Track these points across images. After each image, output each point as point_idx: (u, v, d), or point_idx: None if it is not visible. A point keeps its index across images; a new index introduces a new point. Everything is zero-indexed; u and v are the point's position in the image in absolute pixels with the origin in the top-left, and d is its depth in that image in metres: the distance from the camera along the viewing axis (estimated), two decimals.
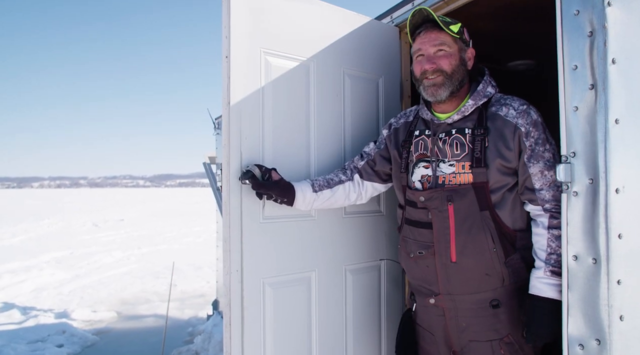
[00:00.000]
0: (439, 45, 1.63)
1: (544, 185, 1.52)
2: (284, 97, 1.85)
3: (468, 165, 1.59)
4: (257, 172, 1.66)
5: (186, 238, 14.59)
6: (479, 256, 1.58)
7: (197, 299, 7.01)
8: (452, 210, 1.60)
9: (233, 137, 1.69)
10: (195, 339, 4.99)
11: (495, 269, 1.58)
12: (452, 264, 1.62)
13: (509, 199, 1.59)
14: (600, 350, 1.25)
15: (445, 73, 1.62)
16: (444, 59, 1.62)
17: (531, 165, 1.53)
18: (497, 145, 1.56)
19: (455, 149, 1.63)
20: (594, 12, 1.26)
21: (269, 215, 1.78)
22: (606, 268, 1.24)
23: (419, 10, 1.61)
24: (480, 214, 1.57)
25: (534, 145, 1.53)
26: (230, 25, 1.67)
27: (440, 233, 1.63)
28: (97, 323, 5.93)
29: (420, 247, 1.70)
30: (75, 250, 11.88)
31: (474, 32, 2.68)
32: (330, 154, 2.00)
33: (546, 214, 1.52)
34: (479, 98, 1.65)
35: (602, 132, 1.25)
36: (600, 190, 1.25)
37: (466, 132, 1.62)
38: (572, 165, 1.31)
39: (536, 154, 1.53)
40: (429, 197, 1.65)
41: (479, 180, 1.57)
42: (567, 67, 1.32)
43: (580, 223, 1.30)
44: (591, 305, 1.27)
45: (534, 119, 1.56)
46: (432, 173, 1.67)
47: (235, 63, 1.68)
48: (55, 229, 18.13)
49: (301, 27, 1.90)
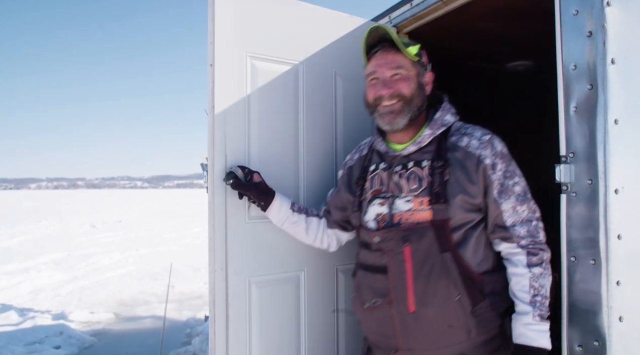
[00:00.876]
0: (395, 69, 1.47)
1: (516, 222, 1.39)
2: (272, 101, 1.86)
3: (427, 200, 1.41)
4: (240, 173, 1.70)
5: (184, 239, 14.57)
6: (441, 305, 1.39)
7: (195, 300, 7.00)
8: (408, 253, 1.42)
9: (217, 140, 1.72)
10: (193, 340, 4.98)
11: (460, 320, 1.38)
12: (411, 314, 1.41)
13: (472, 238, 1.42)
14: (600, 351, 1.25)
15: (404, 98, 1.46)
16: (402, 82, 1.47)
17: (503, 202, 1.39)
18: (458, 179, 1.40)
19: (412, 183, 1.46)
20: (593, 12, 1.26)
21: (255, 216, 1.79)
22: (605, 269, 1.24)
23: (375, 29, 1.45)
24: (441, 256, 1.39)
25: (502, 178, 1.39)
26: (214, 31, 1.70)
27: (396, 279, 1.44)
28: (95, 324, 5.91)
29: (375, 295, 1.50)
30: (73, 252, 11.84)
31: (473, 33, 2.70)
32: (321, 156, 2.00)
33: (523, 250, 1.38)
34: (436, 127, 1.49)
35: (602, 133, 1.25)
36: (600, 191, 1.25)
37: (424, 164, 1.46)
38: (571, 165, 1.31)
39: (506, 188, 1.39)
40: (383, 238, 1.47)
41: (439, 218, 1.39)
42: (566, 68, 1.32)
43: (579, 224, 1.30)
44: (590, 306, 1.27)
45: (499, 150, 1.42)
46: (387, 211, 1.49)
47: (220, 68, 1.72)
48: (53, 230, 18.08)
49: (290, 31, 1.90)
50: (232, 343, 1.74)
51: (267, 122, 1.85)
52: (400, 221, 1.45)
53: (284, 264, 1.87)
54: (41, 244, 13.67)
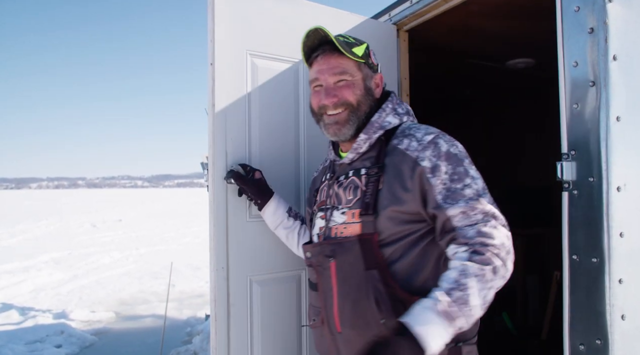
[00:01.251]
0: (339, 74, 1.32)
1: (466, 225, 1.16)
2: (272, 99, 1.86)
3: (358, 213, 1.28)
4: (241, 171, 1.71)
5: (184, 238, 14.57)
6: (364, 327, 1.24)
7: (195, 299, 7.00)
8: (334, 268, 1.30)
9: (218, 139, 1.72)
10: (194, 339, 4.98)
11: None
12: (339, 334, 1.31)
13: (412, 254, 1.24)
14: (602, 349, 1.24)
15: (350, 106, 1.33)
16: (347, 89, 1.33)
17: (449, 207, 1.17)
18: (391, 187, 1.24)
19: (348, 193, 1.33)
20: (595, 8, 1.25)
21: (256, 214, 1.78)
22: (607, 267, 1.23)
23: (314, 31, 1.30)
24: (365, 273, 1.24)
25: (448, 182, 1.20)
26: (214, 30, 1.70)
27: (326, 296, 1.34)
28: (96, 323, 5.91)
29: (314, 313, 1.42)
30: (74, 251, 11.85)
31: (472, 31, 2.69)
32: (322, 154, 1.98)
33: (469, 248, 1.13)
34: (372, 130, 1.33)
35: (603, 130, 1.24)
36: (602, 189, 1.24)
37: (362, 172, 1.32)
38: (573, 163, 1.30)
39: (453, 192, 1.18)
40: (312, 253, 1.38)
41: (366, 231, 1.25)
42: (567, 64, 1.31)
43: (581, 222, 1.29)
44: (593, 304, 1.26)
45: (444, 150, 1.22)
46: (325, 224, 1.38)
47: (220, 66, 1.71)
48: (54, 229, 18.09)
49: (290, 29, 1.89)
50: (233, 341, 1.74)
51: (267, 120, 1.85)
52: (336, 235, 1.33)
53: (285, 262, 1.87)
54: (41, 243, 13.68)
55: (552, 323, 3.63)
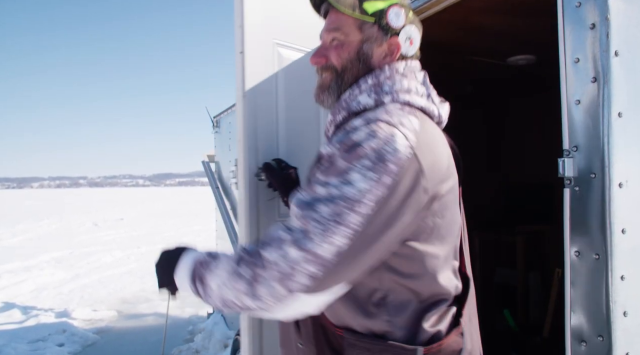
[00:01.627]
0: (333, 31, 1.10)
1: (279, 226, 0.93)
2: (296, 91, 1.79)
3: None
4: (275, 165, 1.63)
5: (186, 237, 14.58)
6: (289, 349, 1.13)
7: (196, 297, 7.00)
8: None
9: (248, 132, 1.63)
10: (196, 337, 4.98)
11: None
12: (281, 350, 1.24)
13: None
14: (604, 346, 1.24)
15: (334, 70, 1.10)
16: (334, 50, 1.10)
17: (295, 194, 0.97)
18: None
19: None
20: (596, 4, 1.24)
21: (285, 213, 1.73)
22: (609, 264, 1.23)
23: None
24: None
25: (306, 180, 1.05)
26: (243, 14, 1.59)
27: None
28: (98, 322, 5.92)
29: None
30: (75, 250, 11.86)
31: (473, 28, 2.68)
32: None
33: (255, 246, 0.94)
34: (337, 110, 1.10)
35: (605, 126, 1.23)
36: (604, 185, 1.24)
37: None
38: (574, 159, 1.29)
39: (310, 183, 0.95)
40: None
41: None
42: (568, 60, 1.30)
43: (583, 218, 1.28)
44: (594, 301, 1.26)
45: (351, 138, 0.92)
46: None
47: (250, 54, 1.62)
48: (55, 228, 18.11)
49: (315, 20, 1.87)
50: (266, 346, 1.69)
51: (293, 113, 1.78)
52: None
53: None
54: (43, 242, 13.69)
55: (554, 320, 3.62)
